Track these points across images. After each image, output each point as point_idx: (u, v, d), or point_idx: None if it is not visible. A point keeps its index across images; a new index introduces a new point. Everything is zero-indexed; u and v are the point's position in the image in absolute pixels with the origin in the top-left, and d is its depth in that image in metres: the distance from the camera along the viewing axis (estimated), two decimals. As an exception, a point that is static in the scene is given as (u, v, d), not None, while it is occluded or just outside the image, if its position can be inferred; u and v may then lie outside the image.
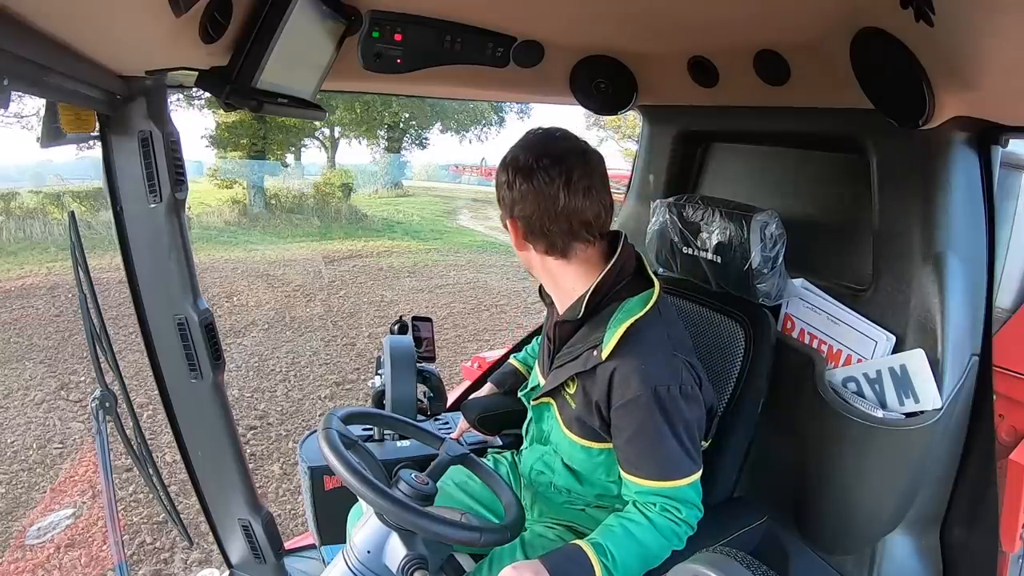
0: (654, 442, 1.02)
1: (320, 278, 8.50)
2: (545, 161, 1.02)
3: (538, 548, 1.17)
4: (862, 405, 1.17)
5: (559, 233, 1.04)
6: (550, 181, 1.01)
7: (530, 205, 1.03)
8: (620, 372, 1.02)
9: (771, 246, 1.25)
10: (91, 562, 2.74)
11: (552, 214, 1.02)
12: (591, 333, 1.08)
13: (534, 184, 1.02)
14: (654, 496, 1.04)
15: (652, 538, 1.03)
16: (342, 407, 1.15)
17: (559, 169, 1.01)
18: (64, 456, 3.65)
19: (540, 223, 1.04)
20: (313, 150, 18.68)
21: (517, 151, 1.06)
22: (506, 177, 1.05)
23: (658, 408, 1.00)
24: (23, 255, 9.34)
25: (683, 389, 1.02)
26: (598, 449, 1.13)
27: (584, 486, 1.19)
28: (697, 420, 1.06)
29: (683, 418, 1.02)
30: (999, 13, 0.71)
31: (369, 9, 1.15)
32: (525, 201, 1.03)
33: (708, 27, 1.16)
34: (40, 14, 0.69)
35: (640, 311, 1.04)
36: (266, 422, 4.15)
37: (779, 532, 1.34)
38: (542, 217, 1.03)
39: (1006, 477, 1.54)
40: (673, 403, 1.01)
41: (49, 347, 5.41)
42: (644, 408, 1.01)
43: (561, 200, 1.01)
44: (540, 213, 1.03)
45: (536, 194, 1.02)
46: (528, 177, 1.02)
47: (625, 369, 1.02)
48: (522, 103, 15.91)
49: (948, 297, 1.08)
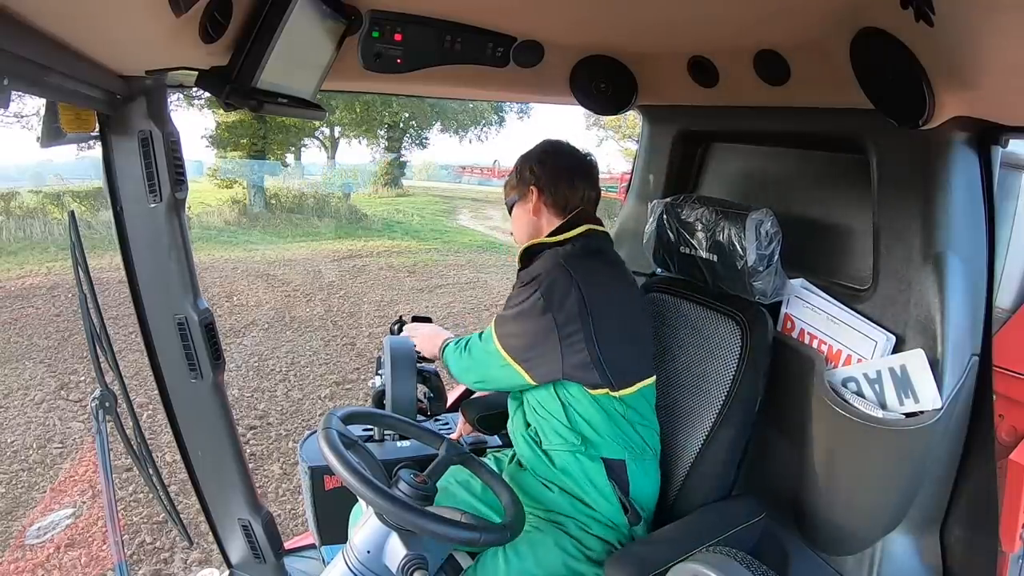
0: (505, 308, 1.28)
1: (320, 278, 8.50)
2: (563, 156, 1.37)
3: (518, 540, 1.17)
4: (862, 405, 1.17)
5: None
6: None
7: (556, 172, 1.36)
8: (523, 273, 1.29)
9: (766, 244, 1.25)
10: (91, 562, 2.74)
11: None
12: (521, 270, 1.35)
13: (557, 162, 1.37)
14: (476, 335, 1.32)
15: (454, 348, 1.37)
16: (342, 407, 1.15)
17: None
18: (64, 456, 3.65)
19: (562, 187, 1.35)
20: (313, 150, 18.72)
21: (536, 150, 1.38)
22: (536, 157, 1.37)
23: (524, 288, 1.24)
24: (23, 255, 9.34)
25: (552, 286, 1.19)
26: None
27: (536, 416, 1.29)
28: (542, 319, 1.20)
29: (528, 303, 1.21)
30: (999, 13, 0.71)
31: (369, 9, 1.15)
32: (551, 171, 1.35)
33: (708, 27, 1.16)
34: (40, 14, 0.69)
35: (550, 240, 1.30)
36: (266, 422, 4.15)
37: (778, 532, 1.34)
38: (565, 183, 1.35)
39: (1006, 477, 1.54)
40: (531, 287, 1.22)
41: (49, 347, 5.41)
42: (517, 286, 1.28)
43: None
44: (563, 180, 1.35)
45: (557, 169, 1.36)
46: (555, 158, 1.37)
47: (524, 273, 1.29)
48: (522, 103, 15.92)
49: (948, 297, 1.08)
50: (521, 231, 1.37)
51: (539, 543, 1.20)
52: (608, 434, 1.23)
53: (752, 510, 1.26)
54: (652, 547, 1.15)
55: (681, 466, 1.32)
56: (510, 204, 1.38)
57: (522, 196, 1.34)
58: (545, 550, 1.19)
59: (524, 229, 1.36)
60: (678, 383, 1.38)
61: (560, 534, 1.22)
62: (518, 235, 1.38)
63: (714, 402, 1.30)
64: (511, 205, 1.38)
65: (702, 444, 1.30)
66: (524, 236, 1.36)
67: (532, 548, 1.19)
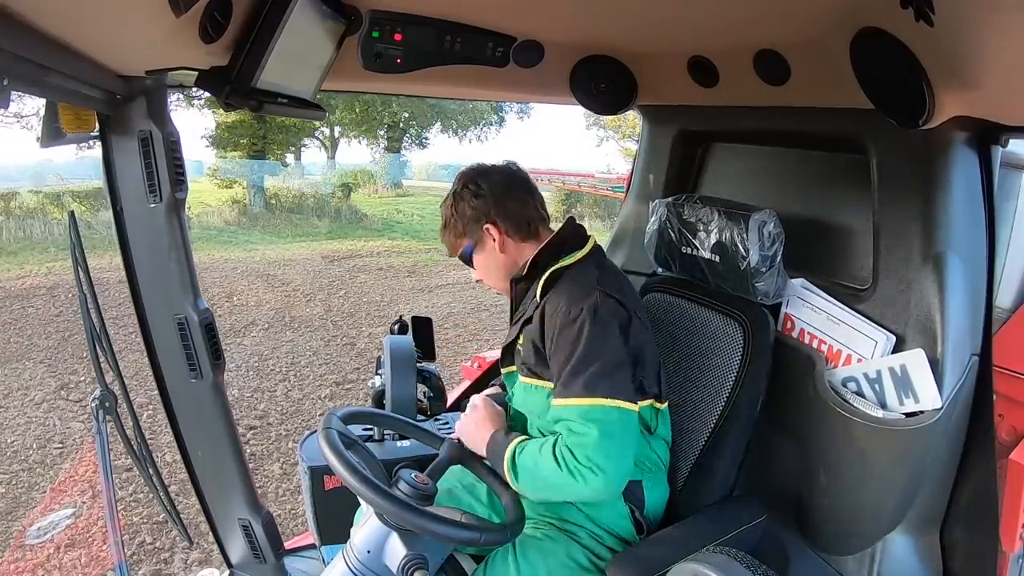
0: (562, 362, 1.09)
1: (320, 278, 8.50)
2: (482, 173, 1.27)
3: (529, 548, 1.17)
4: (862, 405, 1.17)
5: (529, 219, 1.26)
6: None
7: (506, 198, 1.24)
8: (548, 306, 1.15)
9: (769, 245, 1.25)
10: (91, 562, 2.74)
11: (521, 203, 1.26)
12: (530, 286, 1.23)
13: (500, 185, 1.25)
14: (557, 421, 1.08)
15: (546, 459, 1.07)
16: (342, 407, 1.15)
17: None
18: (64, 456, 3.65)
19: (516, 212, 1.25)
20: (313, 150, 18.72)
21: (459, 183, 1.27)
22: (470, 193, 1.24)
23: (569, 328, 1.09)
24: (23, 255, 9.34)
25: (596, 312, 1.08)
26: (547, 389, 1.16)
27: (541, 432, 1.20)
28: (613, 349, 1.09)
29: (591, 340, 1.07)
30: (999, 13, 0.71)
31: (369, 9, 1.15)
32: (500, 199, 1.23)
33: (708, 27, 1.16)
34: (40, 14, 0.69)
35: (569, 261, 1.20)
36: (266, 422, 4.15)
37: (779, 531, 1.34)
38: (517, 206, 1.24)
39: (1006, 477, 1.54)
40: (580, 324, 1.08)
41: (49, 347, 5.41)
42: (560, 329, 1.10)
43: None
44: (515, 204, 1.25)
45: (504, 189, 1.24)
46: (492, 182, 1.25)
47: (551, 303, 1.15)
48: (522, 103, 15.92)
49: (948, 297, 1.08)
50: (496, 275, 1.26)
51: (550, 552, 1.17)
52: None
53: (753, 511, 1.26)
54: (654, 548, 1.15)
55: (683, 467, 1.32)
56: (466, 255, 1.27)
57: (478, 240, 1.24)
58: (556, 560, 1.17)
59: (500, 272, 1.26)
60: (679, 384, 1.37)
61: (572, 543, 1.20)
62: (493, 281, 1.28)
63: (716, 403, 1.30)
64: (468, 256, 1.27)
65: (704, 445, 1.30)
66: (502, 279, 1.26)
67: (543, 556, 1.17)
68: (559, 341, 1.10)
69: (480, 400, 1.26)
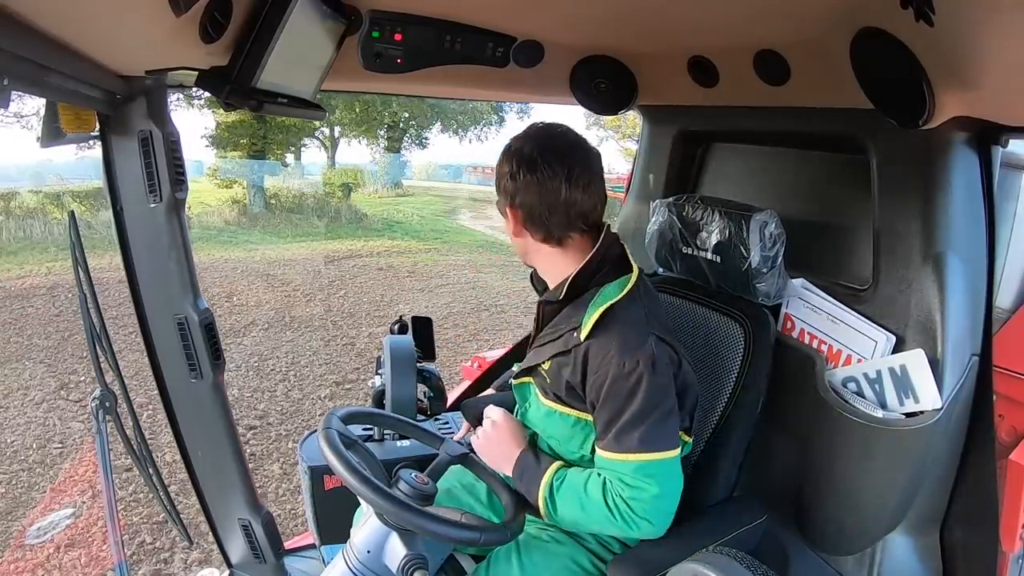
0: (614, 414, 1.03)
1: (320, 278, 8.50)
2: (549, 155, 1.06)
3: (533, 549, 1.16)
4: (862, 405, 1.17)
5: (557, 223, 1.09)
6: (553, 175, 1.06)
7: (532, 196, 1.07)
8: (594, 349, 1.05)
9: (770, 246, 1.25)
10: (91, 562, 2.74)
11: (552, 205, 1.07)
12: (572, 315, 1.11)
13: (537, 176, 1.06)
14: (609, 471, 1.04)
15: (596, 503, 1.04)
16: (342, 407, 1.15)
17: (562, 164, 1.06)
18: (64, 456, 3.65)
19: (540, 213, 1.08)
20: (313, 150, 18.70)
21: (521, 143, 1.09)
22: (509, 168, 1.09)
23: (623, 381, 1.02)
24: (23, 255, 9.34)
25: (654, 365, 1.03)
26: (573, 417, 1.12)
27: (560, 456, 1.16)
28: (667, 399, 1.05)
29: (645, 394, 1.02)
30: (999, 13, 0.71)
31: (369, 9, 1.15)
32: (528, 192, 1.08)
33: (708, 27, 1.16)
34: (40, 14, 0.69)
35: (617, 295, 1.08)
36: (266, 422, 4.15)
37: (779, 532, 1.34)
38: (543, 208, 1.08)
39: (1006, 477, 1.54)
40: (636, 378, 1.02)
41: (49, 347, 5.41)
42: (613, 381, 1.03)
43: (562, 193, 1.06)
44: (541, 204, 1.07)
45: (539, 186, 1.07)
46: (532, 169, 1.07)
47: (599, 346, 1.05)
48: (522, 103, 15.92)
49: (948, 297, 1.08)
50: (515, 243, 1.17)
51: (555, 554, 1.17)
52: None
53: (754, 512, 1.26)
54: (655, 548, 1.14)
55: (684, 468, 1.32)
56: (499, 208, 1.16)
57: (505, 210, 1.14)
58: (560, 562, 1.16)
59: (516, 245, 1.17)
60: None
61: (578, 548, 1.18)
62: (514, 245, 1.18)
63: (716, 404, 1.30)
64: (501, 210, 1.15)
65: (704, 446, 1.30)
66: (518, 250, 1.18)
67: (547, 558, 1.16)
68: (611, 392, 1.03)
69: (500, 416, 1.19)
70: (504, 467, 1.15)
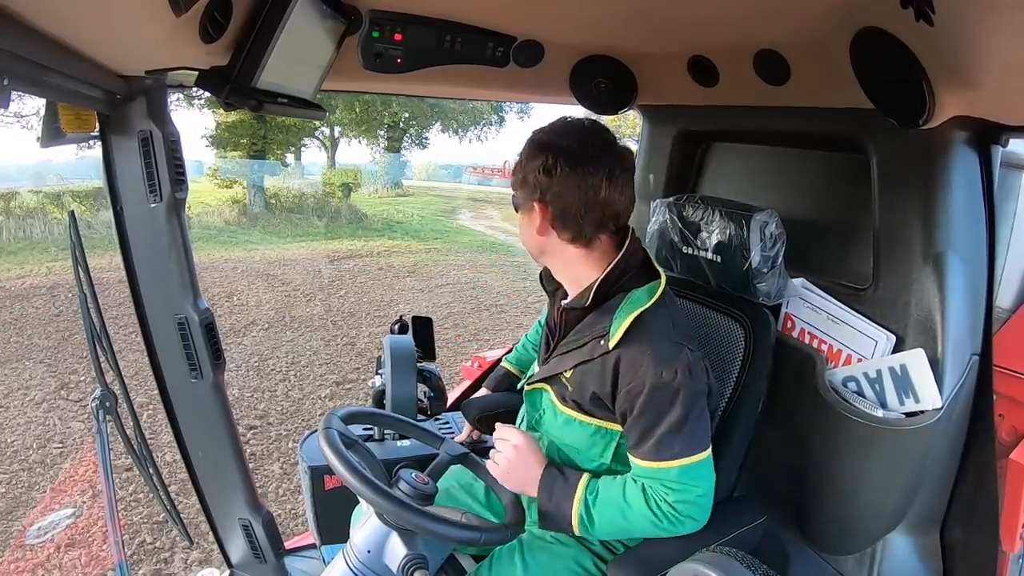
0: (652, 424, 1.02)
1: (320, 278, 8.50)
2: (592, 151, 1.02)
3: (536, 550, 1.16)
4: (862, 405, 1.17)
5: (590, 223, 1.04)
6: (595, 172, 1.01)
7: (570, 192, 1.02)
8: (625, 359, 1.02)
9: (771, 246, 1.25)
10: (91, 562, 2.74)
11: (590, 203, 1.02)
12: (597, 322, 1.07)
13: (578, 172, 1.01)
14: (650, 479, 1.03)
15: (639, 511, 1.03)
16: (342, 407, 1.15)
17: (603, 161, 1.02)
18: (64, 456, 3.65)
19: (576, 211, 1.03)
20: (313, 150, 18.71)
21: (558, 136, 1.04)
22: (543, 161, 1.02)
23: (662, 391, 1.00)
24: (23, 255, 9.34)
25: (691, 372, 1.01)
26: (594, 426, 1.10)
27: (577, 465, 1.15)
28: (702, 402, 1.04)
29: (683, 402, 1.00)
30: (999, 12, 0.71)
31: (369, 9, 1.15)
32: (565, 187, 1.02)
33: (708, 27, 1.16)
34: (40, 14, 0.69)
35: (647, 302, 1.05)
36: (266, 422, 4.15)
37: (779, 532, 1.34)
38: (579, 205, 1.02)
39: (1006, 477, 1.54)
40: (675, 388, 1.00)
41: (49, 347, 5.41)
42: (651, 392, 1.00)
43: (602, 191, 1.01)
44: (578, 202, 1.02)
45: (579, 181, 1.01)
46: (573, 164, 1.01)
47: (630, 356, 1.02)
48: (522, 103, 15.92)
49: (948, 297, 1.08)
50: (527, 242, 1.13)
51: (559, 555, 1.16)
52: None
53: (754, 511, 1.26)
54: (655, 548, 1.14)
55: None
56: (514, 202, 1.11)
57: (525, 204, 1.09)
58: (563, 563, 1.16)
59: (529, 243, 1.13)
60: None
61: (582, 550, 1.18)
62: (524, 242, 1.14)
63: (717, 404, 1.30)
64: (515, 204, 1.11)
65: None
66: (530, 248, 1.13)
67: (551, 558, 1.16)
68: (648, 402, 1.00)
69: (522, 439, 1.11)
70: (529, 490, 1.10)
